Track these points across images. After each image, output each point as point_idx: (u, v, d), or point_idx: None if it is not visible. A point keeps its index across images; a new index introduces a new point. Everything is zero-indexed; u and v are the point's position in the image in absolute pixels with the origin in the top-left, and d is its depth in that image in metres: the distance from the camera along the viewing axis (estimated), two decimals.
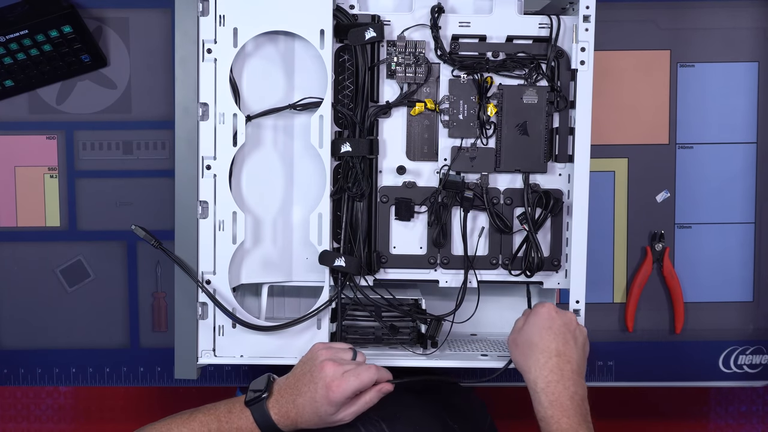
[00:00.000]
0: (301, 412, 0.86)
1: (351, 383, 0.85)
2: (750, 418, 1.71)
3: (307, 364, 0.89)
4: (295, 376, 0.88)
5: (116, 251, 1.17)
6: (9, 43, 1.06)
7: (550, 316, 0.92)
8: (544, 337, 0.90)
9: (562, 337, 0.90)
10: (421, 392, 0.99)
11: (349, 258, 0.98)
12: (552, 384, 0.87)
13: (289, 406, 0.86)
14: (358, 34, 0.98)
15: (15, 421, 1.72)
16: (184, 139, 0.97)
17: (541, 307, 0.93)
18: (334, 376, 0.85)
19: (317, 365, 0.87)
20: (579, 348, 0.91)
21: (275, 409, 0.86)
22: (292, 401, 0.86)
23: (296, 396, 0.86)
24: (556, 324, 0.91)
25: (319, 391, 0.85)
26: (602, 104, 1.14)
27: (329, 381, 0.85)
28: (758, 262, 1.18)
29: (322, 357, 0.88)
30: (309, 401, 0.86)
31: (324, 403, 0.85)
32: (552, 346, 0.89)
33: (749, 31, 1.16)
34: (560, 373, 0.88)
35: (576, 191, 0.99)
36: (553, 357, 0.89)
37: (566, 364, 0.88)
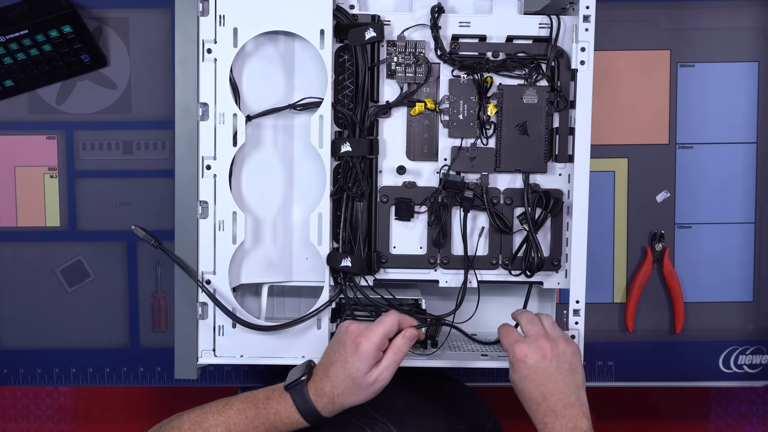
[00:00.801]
0: (336, 381, 0.86)
1: (375, 330, 0.86)
2: (750, 418, 1.71)
3: (335, 340, 0.89)
4: (326, 353, 0.89)
5: (116, 251, 1.17)
6: (9, 43, 1.06)
7: (521, 360, 0.88)
8: (526, 388, 0.88)
9: (543, 378, 0.87)
10: (427, 393, 0.99)
11: (354, 258, 0.98)
12: (549, 425, 0.86)
13: (324, 381, 0.86)
14: (358, 34, 0.98)
15: (15, 421, 1.72)
16: (184, 139, 0.97)
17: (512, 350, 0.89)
18: (359, 331, 0.87)
19: (342, 331, 0.88)
20: (567, 375, 0.88)
21: (312, 390, 0.86)
22: (325, 375, 0.86)
23: (328, 368, 0.87)
24: (531, 368, 0.87)
25: (348, 349, 0.86)
26: (602, 104, 1.14)
27: (355, 336, 0.86)
28: (758, 262, 1.18)
29: (347, 324, 0.89)
30: (340, 366, 0.86)
31: (355, 361, 0.85)
32: (536, 392, 0.87)
33: (749, 31, 1.16)
34: (554, 415, 0.86)
35: (576, 191, 0.99)
36: (542, 402, 0.87)
37: (557, 403, 0.86)
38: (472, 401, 1.10)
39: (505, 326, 0.93)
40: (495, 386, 1.18)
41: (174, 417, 0.88)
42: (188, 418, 0.86)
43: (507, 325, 0.94)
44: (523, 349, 0.88)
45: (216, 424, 0.85)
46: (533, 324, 0.91)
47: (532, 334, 0.90)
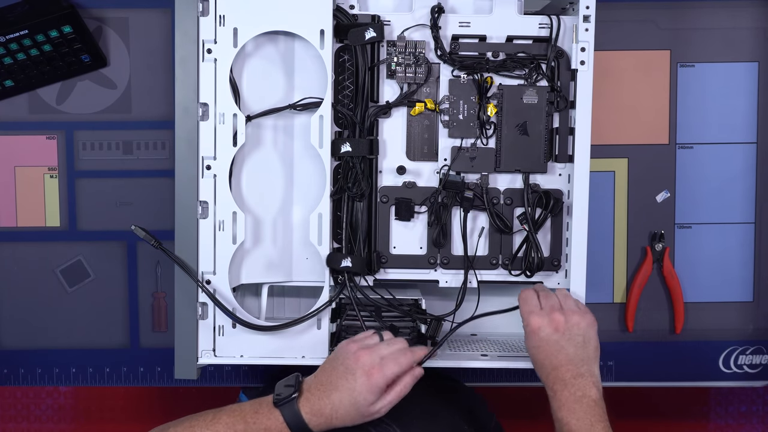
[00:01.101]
0: (338, 406, 0.85)
1: (391, 368, 0.86)
2: (750, 418, 1.71)
3: (337, 360, 0.88)
4: (326, 373, 0.87)
5: (116, 251, 1.17)
6: (9, 43, 1.06)
7: (534, 332, 0.90)
8: (537, 357, 0.91)
9: (554, 350, 0.90)
10: (430, 393, 0.99)
11: (354, 258, 0.98)
12: (558, 392, 0.88)
13: (323, 403, 0.85)
14: (358, 34, 0.98)
15: (15, 421, 1.72)
16: (184, 139, 0.97)
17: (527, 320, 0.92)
18: (372, 363, 0.85)
19: (351, 357, 0.87)
20: (580, 348, 0.90)
21: (306, 408, 0.85)
22: (326, 397, 0.85)
23: (331, 392, 0.85)
24: (544, 339, 0.90)
25: (359, 380, 0.85)
26: (602, 104, 1.14)
27: (368, 368, 0.85)
28: (758, 262, 1.18)
29: (353, 349, 0.88)
30: (347, 394, 0.85)
31: (364, 392, 0.85)
32: (546, 363, 0.90)
33: (749, 31, 1.16)
34: (562, 384, 0.88)
35: (576, 191, 0.99)
36: (551, 372, 0.89)
37: (566, 373, 0.89)
38: (474, 402, 1.10)
39: (527, 293, 0.95)
40: (495, 386, 1.18)
41: (161, 429, 0.86)
42: (176, 431, 0.85)
43: (529, 292, 0.95)
44: (537, 320, 0.91)
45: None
46: (548, 297, 0.94)
47: (548, 307, 0.92)
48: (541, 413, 0.91)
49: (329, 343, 1.00)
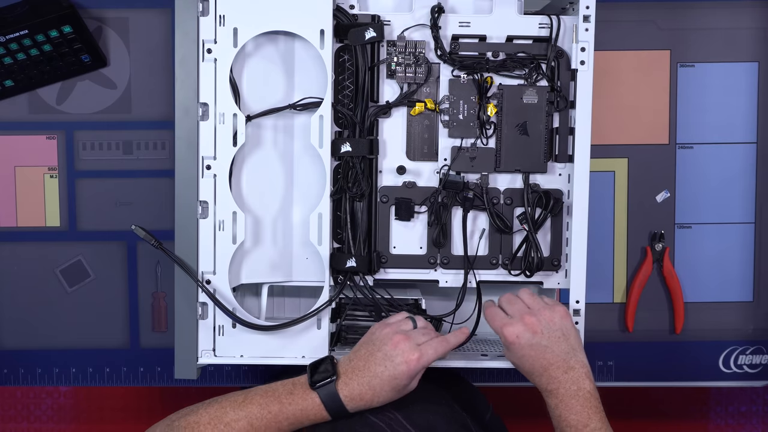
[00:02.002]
0: (379, 392, 0.86)
1: (430, 357, 0.88)
2: (750, 418, 1.71)
3: (374, 344, 0.89)
4: (362, 358, 0.88)
5: (116, 251, 1.17)
6: (9, 43, 1.06)
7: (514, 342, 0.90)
8: (525, 365, 0.91)
9: (540, 352, 0.89)
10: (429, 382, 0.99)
11: (358, 258, 0.99)
12: (553, 391, 0.88)
13: (364, 389, 0.86)
14: (358, 34, 0.98)
15: (15, 421, 1.72)
16: (184, 139, 0.97)
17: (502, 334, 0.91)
18: (411, 351, 0.87)
19: (389, 343, 0.88)
20: (562, 342, 0.90)
21: (345, 392, 0.86)
22: (366, 384, 0.86)
23: (371, 378, 0.86)
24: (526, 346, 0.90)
25: (399, 367, 0.86)
26: (602, 104, 1.14)
27: (408, 356, 0.86)
28: (758, 262, 1.18)
29: (389, 334, 0.89)
30: (388, 380, 0.86)
31: (404, 378, 0.87)
32: (536, 366, 0.90)
33: (749, 31, 1.16)
34: (556, 381, 0.88)
35: (576, 191, 0.99)
36: (543, 373, 0.89)
37: (557, 371, 0.89)
38: (471, 391, 1.10)
39: (490, 308, 0.94)
40: (495, 386, 1.18)
41: (187, 412, 0.86)
42: (206, 413, 0.85)
43: (491, 307, 0.95)
44: (512, 330, 0.90)
45: (237, 419, 0.84)
46: (513, 303, 0.94)
47: (516, 313, 0.92)
48: (541, 413, 0.91)
49: (329, 343, 1.00)
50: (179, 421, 0.85)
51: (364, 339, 0.91)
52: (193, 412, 0.86)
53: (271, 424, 0.85)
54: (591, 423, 0.86)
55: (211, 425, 0.84)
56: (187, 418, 0.85)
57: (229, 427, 0.84)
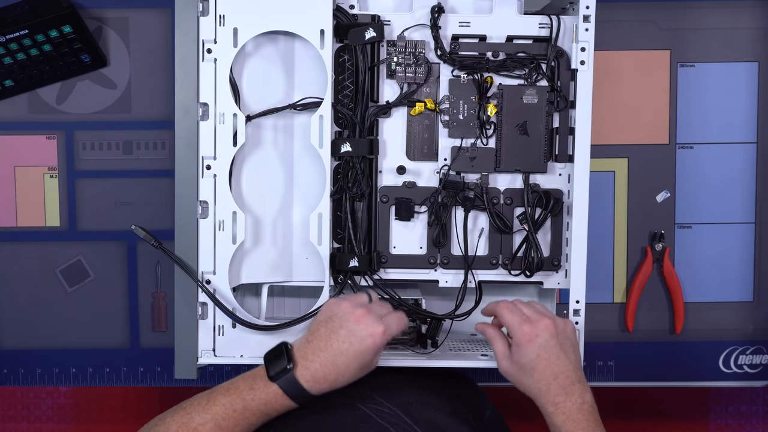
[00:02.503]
0: (344, 371, 0.85)
1: (393, 329, 0.86)
2: (750, 418, 1.71)
3: (333, 321, 0.86)
4: (322, 338, 0.86)
5: (116, 251, 1.17)
6: (9, 43, 1.06)
7: (532, 340, 0.88)
8: (538, 368, 0.88)
9: (554, 356, 0.88)
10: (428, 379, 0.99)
11: (360, 257, 0.99)
12: (560, 404, 0.87)
13: (327, 369, 0.84)
14: (358, 34, 0.98)
15: (15, 421, 1.72)
16: (184, 139, 0.97)
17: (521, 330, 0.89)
18: (375, 323, 0.85)
19: (350, 318, 0.85)
20: (571, 352, 0.90)
21: (306, 376, 0.84)
22: (330, 363, 0.84)
23: (336, 357, 0.84)
24: (542, 347, 0.88)
25: (365, 341, 0.84)
26: (602, 104, 1.14)
27: (372, 330, 0.84)
28: (758, 262, 1.18)
29: (349, 309, 0.86)
30: (354, 356, 0.84)
31: (370, 353, 0.85)
32: (547, 372, 0.88)
33: (749, 31, 1.16)
34: (564, 393, 0.87)
35: (576, 191, 0.99)
36: (552, 382, 0.88)
37: (566, 380, 0.88)
38: (471, 388, 1.10)
39: (507, 304, 0.93)
40: (495, 386, 1.18)
41: (156, 422, 0.85)
42: (173, 420, 0.84)
43: (508, 303, 0.93)
44: (533, 329, 0.89)
45: (203, 422, 0.83)
46: (528, 306, 0.93)
47: (533, 315, 0.91)
48: (541, 413, 0.90)
49: None
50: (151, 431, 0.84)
51: (320, 318, 0.88)
52: (161, 421, 0.85)
53: (239, 421, 0.84)
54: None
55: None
56: (156, 429, 0.84)
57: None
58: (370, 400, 0.90)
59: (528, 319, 0.90)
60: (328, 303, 0.89)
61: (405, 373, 0.97)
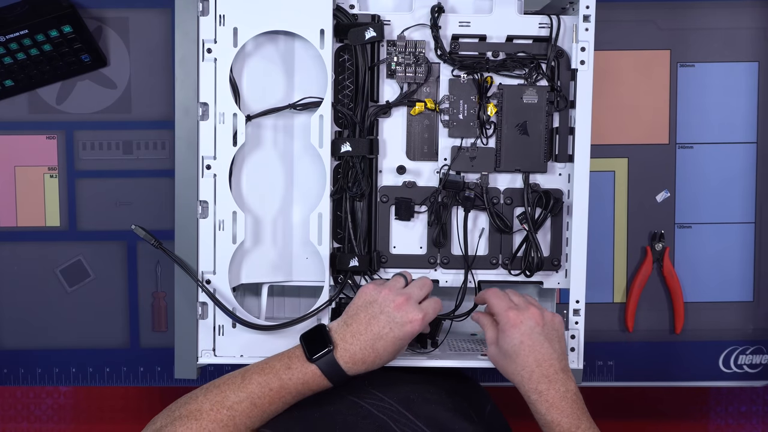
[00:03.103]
0: (382, 353, 0.88)
1: (431, 315, 0.90)
2: (750, 418, 1.71)
3: (374, 307, 0.89)
4: (362, 322, 0.89)
5: (116, 251, 1.17)
6: (9, 43, 1.06)
7: (516, 326, 0.89)
8: (521, 353, 0.89)
9: (537, 344, 0.89)
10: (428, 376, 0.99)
11: (360, 257, 0.99)
12: (543, 392, 0.87)
13: (367, 352, 0.87)
14: (358, 34, 0.98)
15: (15, 421, 1.72)
16: (184, 139, 0.97)
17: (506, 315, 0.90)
18: (415, 310, 0.89)
19: (391, 305, 0.89)
20: (555, 343, 0.90)
21: (345, 357, 0.87)
22: (370, 346, 0.87)
23: (375, 341, 0.87)
24: (526, 333, 0.89)
25: (404, 328, 0.88)
26: (602, 104, 1.14)
27: (412, 317, 0.88)
28: (758, 262, 1.18)
29: (389, 296, 0.89)
30: (392, 341, 0.88)
31: (408, 337, 0.89)
32: (530, 359, 0.88)
33: (749, 31, 1.16)
34: (547, 381, 0.88)
35: (576, 191, 0.99)
36: (536, 369, 0.88)
37: (549, 368, 0.88)
38: (470, 385, 1.10)
39: (495, 291, 0.94)
40: (495, 386, 1.18)
41: (186, 400, 0.86)
42: (206, 399, 0.85)
43: (497, 290, 0.94)
44: (518, 315, 0.90)
45: (239, 400, 0.84)
46: (517, 295, 0.94)
47: (521, 303, 0.92)
48: None
49: None
50: (180, 410, 0.84)
51: (359, 302, 0.91)
52: (192, 399, 0.85)
53: (275, 400, 0.86)
54: (582, 424, 0.86)
55: (213, 411, 0.84)
56: (187, 407, 0.84)
57: (232, 410, 0.84)
58: (370, 396, 0.91)
59: (515, 306, 0.92)
60: (367, 288, 0.92)
61: (406, 372, 0.97)
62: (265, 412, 0.86)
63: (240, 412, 0.84)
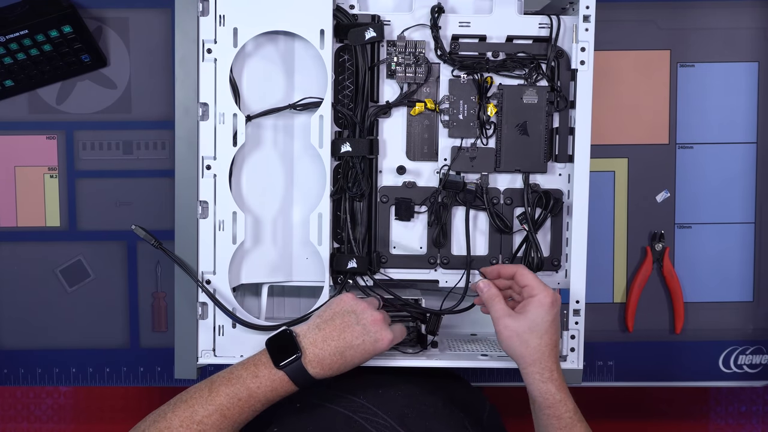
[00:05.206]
0: (349, 362, 0.88)
1: (398, 339, 0.91)
2: (750, 418, 1.71)
3: (350, 316, 0.89)
4: (336, 328, 0.88)
5: (116, 251, 1.17)
6: (9, 43, 1.06)
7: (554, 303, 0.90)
8: (550, 331, 0.90)
9: (559, 325, 0.92)
10: (425, 383, 0.99)
11: (359, 259, 0.99)
12: (555, 371, 0.89)
13: (335, 358, 0.87)
14: (358, 34, 0.98)
15: (15, 421, 1.72)
16: (184, 139, 0.97)
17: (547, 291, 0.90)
18: (386, 330, 0.89)
19: (369, 318, 0.89)
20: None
21: (314, 363, 0.86)
22: (339, 353, 0.87)
23: (345, 349, 0.88)
24: (558, 314, 0.91)
25: (376, 344, 0.88)
26: (602, 104, 1.14)
27: (384, 335, 0.89)
28: (758, 262, 1.18)
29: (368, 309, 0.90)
30: (361, 353, 0.88)
31: (374, 353, 0.89)
32: (555, 338, 0.90)
33: (749, 31, 1.16)
34: (556, 362, 0.90)
35: (576, 191, 0.99)
36: (554, 348, 0.90)
37: (555, 348, 0.91)
38: (468, 391, 1.10)
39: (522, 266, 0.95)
40: (495, 386, 1.18)
41: (156, 417, 0.84)
42: (175, 416, 0.84)
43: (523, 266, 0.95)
44: (555, 294, 0.91)
45: (208, 414, 0.84)
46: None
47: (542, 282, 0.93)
48: None
49: None
50: (149, 429, 0.83)
51: (336, 309, 0.90)
52: (161, 417, 0.84)
53: (244, 409, 0.85)
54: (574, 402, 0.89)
55: (183, 427, 0.83)
56: (157, 425, 0.83)
57: (202, 425, 0.83)
58: (364, 410, 0.90)
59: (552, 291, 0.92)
60: (345, 297, 0.91)
61: (400, 374, 0.97)
62: (235, 422, 0.85)
63: (210, 425, 0.84)
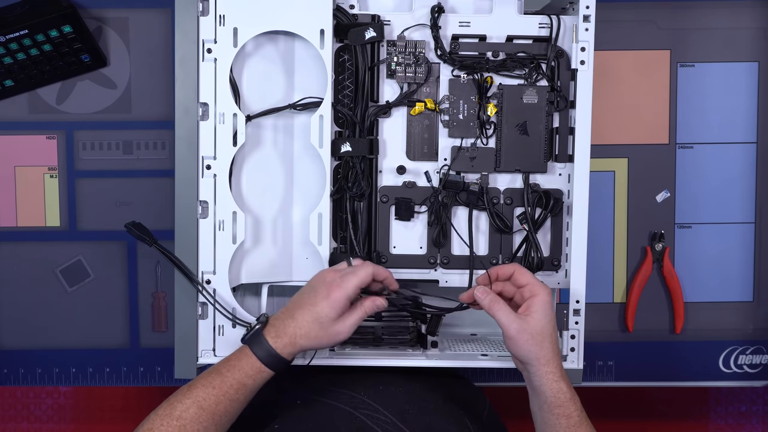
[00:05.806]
0: (300, 322, 0.87)
1: (350, 280, 0.88)
2: (750, 418, 1.71)
3: (307, 285, 0.91)
4: (294, 299, 0.90)
5: (116, 251, 1.17)
6: (9, 43, 1.06)
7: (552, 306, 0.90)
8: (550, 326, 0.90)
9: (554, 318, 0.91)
10: (425, 382, 0.99)
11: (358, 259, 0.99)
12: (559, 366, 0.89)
13: (286, 323, 0.87)
14: (358, 34, 0.98)
15: (15, 421, 1.72)
16: (184, 139, 0.97)
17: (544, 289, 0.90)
18: (333, 279, 0.88)
19: (316, 277, 0.90)
20: None
21: (271, 333, 0.87)
22: (290, 316, 0.87)
23: (294, 310, 0.88)
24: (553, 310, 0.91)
25: (320, 294, 0.87)
26: (602, 104, 1.14)
27: (329, 283, 0.88)
28: (758, 262, 1.18)
29: (324, 273, 0.91)
30: (308, 309, 0.87)
31: (325, 307, 0.87)
32: (555, 336, 0.90)
33: (749, 31, 1.16)
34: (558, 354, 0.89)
35: (576, 191, 0.99)
36: (555, 342, 0.89)
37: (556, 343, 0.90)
38: (468, 389, 1.10)
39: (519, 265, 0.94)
40: (495, 386, 1.18)
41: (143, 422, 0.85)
42: (156, 416, 0.85)
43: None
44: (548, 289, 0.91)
45: (185, 408, 0.84)
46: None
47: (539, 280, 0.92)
48: None
49: None
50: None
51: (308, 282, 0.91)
52: (147, 420, 0.85)
53: (220, 398, 0.85)
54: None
55: (163, 426, 0.83)
56: (142, 428, 0.84)
57: (181, 420, 0.83)
58: (365, 406, 0.90)
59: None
60: (322, 271, 0.92)
61: (401, 373, 0.97)
62: (214, 414, 0.85)
63: (189, 419, 0.84)
